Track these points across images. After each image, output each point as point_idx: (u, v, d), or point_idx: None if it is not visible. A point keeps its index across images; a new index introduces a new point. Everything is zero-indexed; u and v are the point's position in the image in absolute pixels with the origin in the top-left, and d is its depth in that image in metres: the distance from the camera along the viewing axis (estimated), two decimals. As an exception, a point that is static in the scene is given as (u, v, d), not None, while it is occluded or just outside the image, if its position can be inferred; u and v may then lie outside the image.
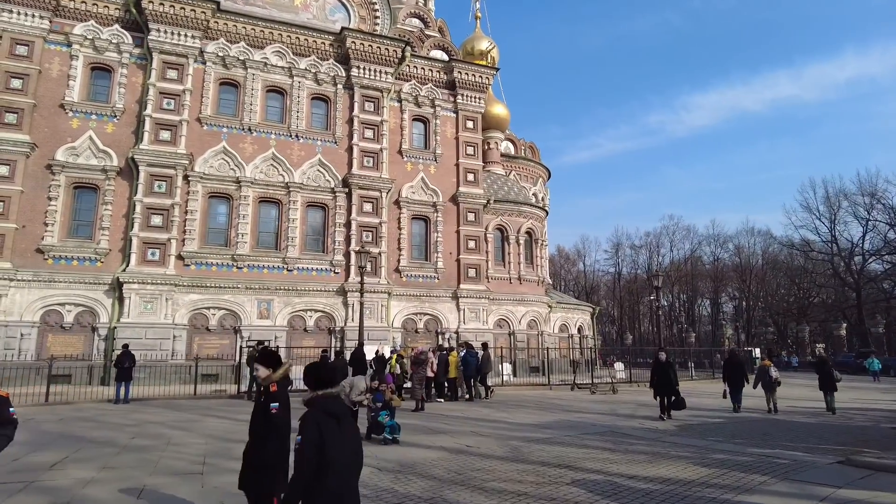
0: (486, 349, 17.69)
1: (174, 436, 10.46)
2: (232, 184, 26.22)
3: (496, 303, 30.73)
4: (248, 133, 26.90)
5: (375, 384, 9.82)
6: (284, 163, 27.10)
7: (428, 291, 28.92)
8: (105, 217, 24.29)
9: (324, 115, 28.67)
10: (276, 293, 26.00)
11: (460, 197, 30.19)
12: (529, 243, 32.93)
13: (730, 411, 15.10)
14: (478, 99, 31.60)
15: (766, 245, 67.82)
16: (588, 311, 38.08)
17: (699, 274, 71.32)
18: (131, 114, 25.39)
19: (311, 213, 27.52)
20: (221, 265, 25.56)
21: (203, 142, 26.13)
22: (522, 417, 12.92)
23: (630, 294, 74.42)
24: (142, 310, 23.84)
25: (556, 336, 33.60)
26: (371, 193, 28.10)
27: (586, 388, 20.25)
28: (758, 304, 66.14)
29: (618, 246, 75.33)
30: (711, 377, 28.48)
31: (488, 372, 17.23)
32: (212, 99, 26.64)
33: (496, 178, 34.10)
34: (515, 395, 18.84)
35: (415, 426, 11.43)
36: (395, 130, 29.75)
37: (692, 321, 70.77)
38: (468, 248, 30.12)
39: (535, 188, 40.16)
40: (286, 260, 26.34)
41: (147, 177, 24.70)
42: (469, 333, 28.90)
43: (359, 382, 9.78)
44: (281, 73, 27.92)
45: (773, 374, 16.08)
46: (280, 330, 25.65)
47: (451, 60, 31.05)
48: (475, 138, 31.44)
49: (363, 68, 28.84)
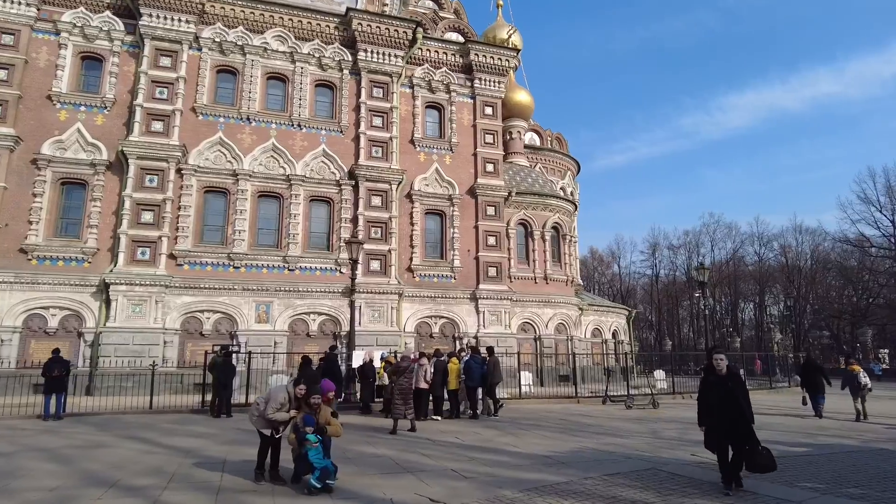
0: (492, 354, 14.39)
1: (34, 469, 7.57)
2: (229, 177, 23.67)
3: (520, 304, 27.30)
4: (247, 123, 24.36)
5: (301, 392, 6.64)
6: (286, 154, 24.44)
7: (444, 292, 25.73)
8: (93, 214, 22.03)
9: (328, 103, 25.93)
10: (276, 295, 23.25)
11: (478, 189, 26.98)
12: (556, 239, 29.42)
13: (811, 432, 11.41)
14: (497, 83, 28.39)
15: (816, 243, 62.20)
16: (623, 314, 34.19)
17: (742, 275, 66.02)
18: (123, 105, 23.15)
19: (315, 208, 24.72)
20: (217, 265, 22.98)
21: (198, 133, 23.69)
22: (534, 444, 9.59)
23: (669, 297, 69.48)
24: (129, 313, 21.41)
25: (587, 341, 29.92)
26: (380, 186, 25.15)
27: (621, 402, 16.67)
28: (807, 306, 60.54)
29: (655, 246, 70.56)
30: (768, 387, 24.31)
31: (497, 382, 13.90)
32: (208, 87, 24.22)
33: (519, 169, 30.75)
34: (534, 411, 15.43)
35: (379, 458, 8.29)
36: (407, 118, 26.80)
37: (736, 325, 65.44)
38: (488, 244, 26.84)
39: (562, 182, 36.56)
40: (287, 259, 23.59)
41: (137, 170, 22.36)
42: (490, 338, 25.52)
43: (277, 393, 6.73)
44: (282, 58, 25.34)
45: (863, 380, 15.02)
46: (280, 335, 22.87)
47: (468, 42, 27.97)
48: (494, 125, 28.21)
49: (371, 52, 26.03)
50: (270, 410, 6.56)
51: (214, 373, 13.50)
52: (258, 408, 6.78)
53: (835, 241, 53.01)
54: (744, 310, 71.16)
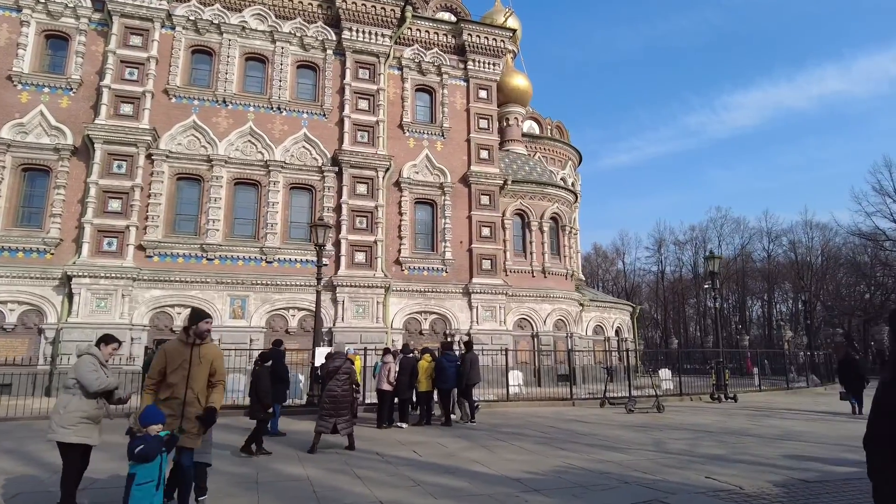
0: (469, 349, 12.38)
1: None
2: (203, 163, 21.85)
3: (516, 299, 25.30)
4: (223, 106, 22.53)
5: (114, 350, 4.81)
6: (264, 138, 22.58)
7: (434, 286, 23.78)
8: (57, 203, 20.27)
9: (311, 86, 24.06)
10: (252, 289, 21.40)
11: (472, 177, 25.01)
12: (555, 231, 27.38)
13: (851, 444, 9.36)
14: (492, 65, 26.40)
15: (827, 239, 59.62)
16: (627, 311, 32.08)
17: (750, 272, 63.52)
18: (90, 86, 21.38)
19: (296, 197, 22.84)
20: (189, 256, 21.16)
21: (171, 116, 21.89)
22: (506, 461, 7.61)
23: (675, 295, 67.01)
24: (94, 308, 19.64)
25: (588, 339, 27.86)
26: (365, 173, 23.24)
27: (621, 405, 14.64)
28: (817, 303, 58.02)
29: (660, 242, 68.02)
30: (785, 387, 22.15)
31: (475, 383, 11.92)
32: (182, 68, 22.42)
33: (515, 156, 28.74)
34: (521, 415, 13.42)
35: (296, 483, 6.34)
36: (395, 102, 24.87)
37: (744, 323, 62.98)
38: (482, 235, 24.86)
39: (563, 172, 34.46)
40: (265, 250, 21.73)
41: (104, 156, 20.60)
42: (484, 335, 23.60)
43: (81, 363, 4.87)
44: (262, 38, 23.49)
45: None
46: (257, 331, 21.01)
47: (460, 21, 26.01)
48: (489, 110, 26.22)
49: (356, 31, 24.13)
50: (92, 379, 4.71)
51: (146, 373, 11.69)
52: (68, 396, 4.90)
53: (848, 234, 50.43)
54: (752, 307, 68.66)
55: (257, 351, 19.58)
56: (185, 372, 4.68)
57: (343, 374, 8.38)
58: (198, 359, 4.74)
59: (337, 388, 8.24)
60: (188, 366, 4.69)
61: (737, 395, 18.10)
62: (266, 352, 9.32)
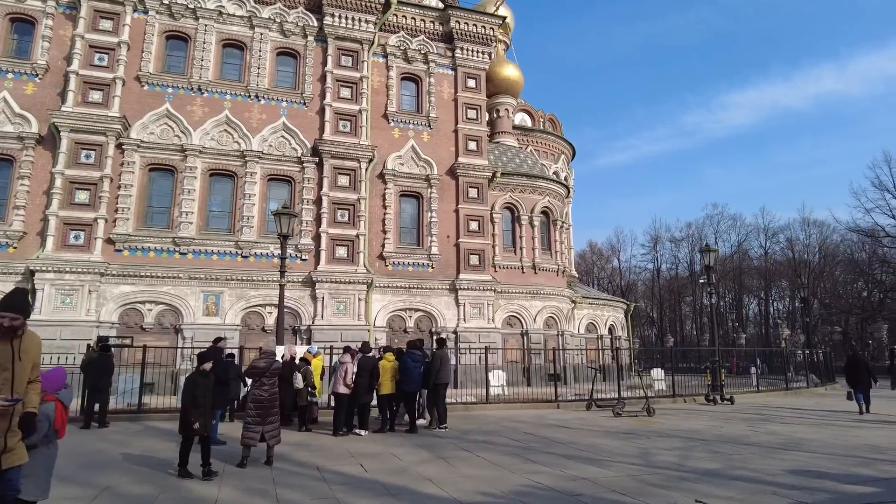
0: (442, 346, 11.16)
1: None
2: (176, 153, 20.72)
3: (505, 296, 24.17)
4: (198, 94, 21.39)
5: None
6: (241, 128, 21.45)
7: (420, 282, 22.66)
8: (20, 194, 19.13)
9: (291, 73, 22.91)
10: (227, 284, 20.27)
11: (459, 169, 23.87)
12: (546, 225, 26.25)
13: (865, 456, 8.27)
14: (481, 53, 25.25)
15: (824, 236, 58.51)
16: (621, 309, 30.95)
17: (746, 269, 62.43)
18: (57, 72, 20.22)
19: (274, 188, 21.69)
20: (161, 250, 20.03)
21: (143, 104, 20.76)
22: (464, 479, 6.48)
23: (671, 293, 65.91)
24: (58, 304, 18.52)
25: (581, 337, 26.73)
26: (347, 164, 22.11)
27: (609, 407, 13.51)
28: (814, 301, 56.92)
29: (656, 239, 66.82)
30: (784, 387, 21.01)
31: (444, 383, 10.87)
32: (155, 55, 21.27)
33: (506, 149, 27.60)
34: (499, 419, 12.28)
35: None
36: (380, 91, 23.72)
37: (741, 321, 61.89)
38: (469, 230, 23.73)
39: (556, 166, 33.31)
40: (240, 244, 20.60)
41: (71, 144, 19.47)
42: (471, 333, 22.52)
43: None
44: (239, 23, 22.34)
45: None
46: (231, 329, 19.86)
47: (448, 8, 24.85)
48: (478, 99, 25.08)
49: (339, 16, 22.99)
50: None
51: (87, 373, 10.58)
52: None
53: (846, 230, 49.26)
54: (748, 305, 67.57)
55: (232, 350, 18.50)
56: (9, 373, 3.55)
57: (271, 375, 7.23)
58: (19, 355, 3.61)
59: (264, 392, 7.10)
60: (10, 365, 3.56)
61: (733, 396, 16.98)
62: (204, 351, 8.09)
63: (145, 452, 8.26)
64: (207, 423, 7.64)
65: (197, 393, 7.44)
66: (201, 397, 7.43)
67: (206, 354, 8.14)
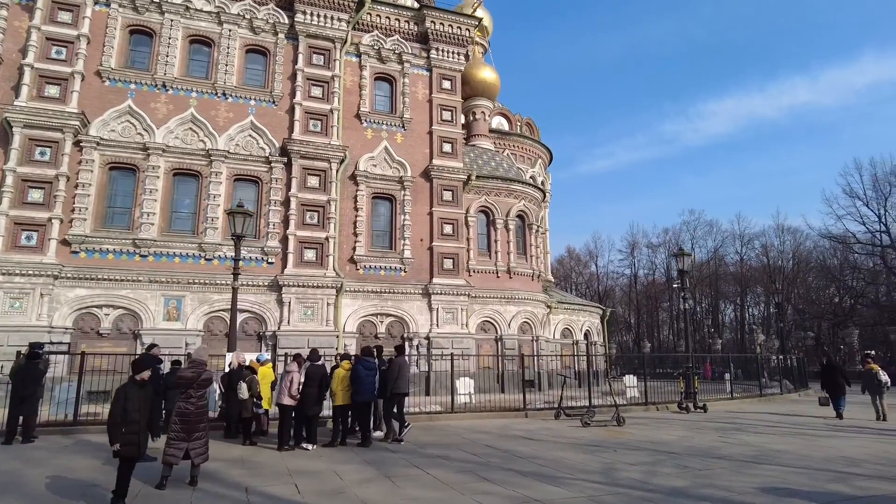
0: (400, 353, 10.54)
1: None
2: (138, 151, 19.82)
3: (479, 301, 23.62)
4: (163, 90, 20.53)
5: None
6: (206, 126, 20.63)
7: (392, 287, 22.00)
8: (-30, 192, 18.09)
9: (260, 71, 22.16)
10: (189, 288, 19.40)
11: (434, 171, 23.31)
12: (522, 229, 25.79)
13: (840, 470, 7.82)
14: (456, 54, 24.76)
15: (798, 243, 59.11)
16: (597, 314, 30.61)
17: (723, 275, 62.80)
18: (11, 65, 19.20)
19: (240, 189, 20.84)
20: (120, 252, 19.09)
21: (104, 100, 19.84)
22: (407, 501, 5.86)
23: (648, 299, 66.03)
24: (7, 308, 17.50)
25: (556, 342, 26.29)
26: (317, 164, 21.41)
27: (578, 416, 12.98)
28: (788, 306, 57.42)
29: (633, 245, 66.98)
30: (757, 394, 20.70)
31: (403, 393, 10.24)
32: (117, 49, 20.38)
33: (482, 151, 27.12)
34: (463, 430, 11.63)
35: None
36: (353, 90, 23.09)
37: (717, 326, 62.16)
38: (444, 233, 23.16)
39: (532, 170, 32.92)
40: (204, 247, 19.75)
41: (24, 141, 18.48)
42: (444, 338, 21.93)
43: None
44: (207, 19, 21.55)
45: (882, 378, 14.88)
46: (193, 334, 19.01)
47: (423, 8, 24.32)
48: (453, 101, 24.56)
49: (311, 14, 22.33)
50: None
51: (13, 381, 9.75)
52: None
53: (819, 236, 49.76)
54: (724, 311, 67.94)
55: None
56: None
57: (199, 386, 6.53)
58: None
59: (191, 405, 6.39)
60: None
61: (706, 404, 16.59)
62: (139, 359, 7.29)
63: (60, 473, 7.44)
64: (142, 443, 6.84)
65: (129, 406, 6.64)
66: (135, 412, 6.65)
67: (142, 362, 7.36)
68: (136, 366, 7.10)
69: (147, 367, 7.23)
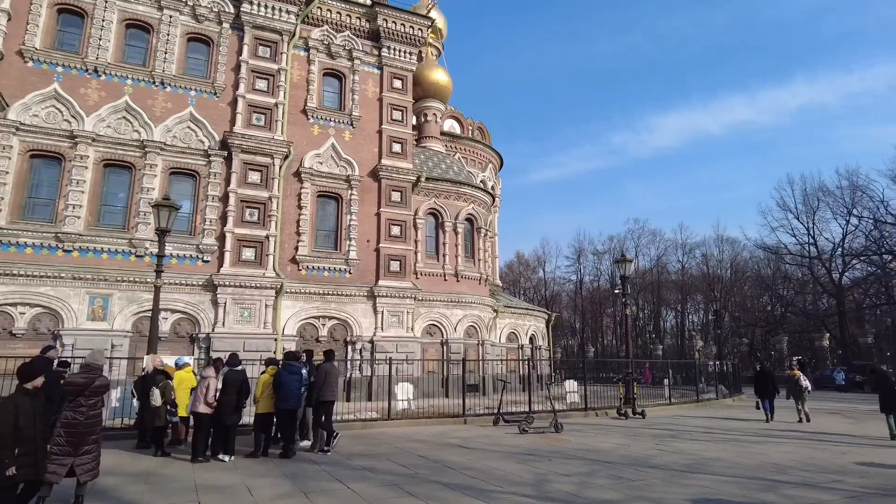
0: (330, 358, 9.93)
1: None
2: (65, 139, 18.48)
3: (426, 304, 23.25)
4: (95, 76, 19.23)
5: None
6: (142, 116, 19.46)
7: (336, 289, 21.33)
8: None
9: (203, 61, 21.12)
10: (117, 286, 18.19)
11: (382, 171, 22.80)
12: (471, 233, 25.61)
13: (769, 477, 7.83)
14: (409, 54, 24.36)
15: (735, 253, 61.63)
16: (542, 318, 30.78)
17: (665, 283, 64.77)
18: (-79, 40, 17.58)
19: (176, 183, 19.78)
20: (40, 247, 17.71)
21: (26, 82, 18.39)
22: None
23: (593, 304, 67.37)
24: None
25: (502, 347, 26.20)
26: (259, 159, 20.55)
27: (517, 422, 12.78)
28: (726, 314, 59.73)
29: (580, 252, 68.27)
30: (695, 399, 21.17)
31: (328, 401, 9.69)
32: (43, 28, 18.96)
33: (432, 153, 26.80)
34: (397, 437, 11.23)
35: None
36: (300, 85, 22.32)
37: (658, 332, 64.00)
38: (391, 234, 22.68)
39: (483, 174, 32.87)
40: (134, 243, 18.59)
41: (-68, 123, 16.90)
42: (388, 342, 21.44)
43: None
44: (146, 3, 20.37)
45: (804, 383, 16.14)
46: (120, 335, 17.83)
47: (375, 5, 23.82)
48: (404, 101, 24.14)
49: (257, 4, 21.46)
50: None
51: None
52: None
53: (755, 247, 52.01)
54: (666, 317, 70.06)
55: (120, 359, 16.41)
56: None
57: (91, 394, 5.82)
58: None
59: (80, 415, 5.68)
60: None
61: (645, 410, 16.76)
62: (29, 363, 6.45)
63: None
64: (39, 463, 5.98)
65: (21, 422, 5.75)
66: (28, 427, 5.77)
67: (34, 367, 6.48)
68: (26, 372, 6.21)
69: (40, 372, 6.41)
